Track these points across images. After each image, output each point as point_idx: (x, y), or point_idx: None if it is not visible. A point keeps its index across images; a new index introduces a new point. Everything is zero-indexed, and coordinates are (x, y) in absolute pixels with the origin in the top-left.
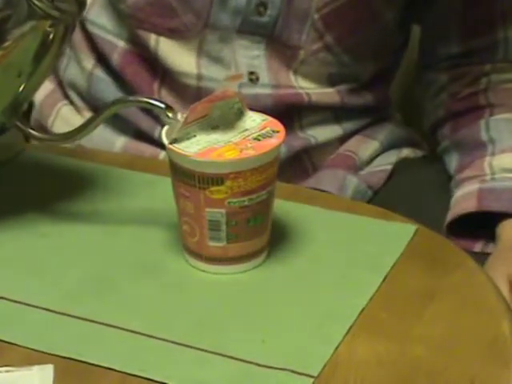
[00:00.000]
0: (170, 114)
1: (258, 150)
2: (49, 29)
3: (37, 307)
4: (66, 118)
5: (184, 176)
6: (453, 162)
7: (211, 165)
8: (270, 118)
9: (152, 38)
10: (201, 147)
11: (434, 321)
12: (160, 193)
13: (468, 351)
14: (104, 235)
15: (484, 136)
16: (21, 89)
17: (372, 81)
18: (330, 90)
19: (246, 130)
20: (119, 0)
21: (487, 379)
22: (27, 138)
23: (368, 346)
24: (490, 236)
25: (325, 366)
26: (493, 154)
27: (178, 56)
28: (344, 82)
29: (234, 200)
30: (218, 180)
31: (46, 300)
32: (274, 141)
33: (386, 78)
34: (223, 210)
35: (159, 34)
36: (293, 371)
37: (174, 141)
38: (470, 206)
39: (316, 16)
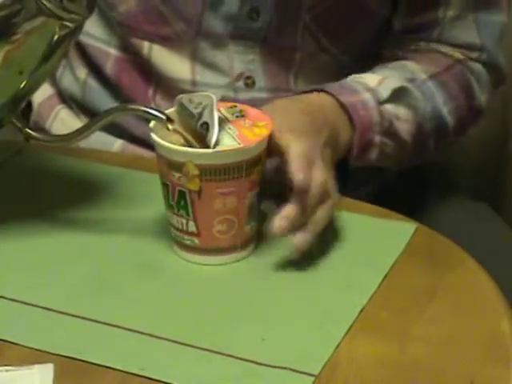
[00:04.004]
0: (170, 126)
1: (253, 126)
2: (56, 29)
3: (37, 306)
4: (64, 120)
5: (230, 173)
6: None
7: (259, 146)
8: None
9: (145, 46)
10: (231, 139)
11: (433, 320)
12: (160, 192)
13: (468, 351)
14: (103, 234)
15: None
16: (22, 86)
17: None
18: None
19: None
20: (111, 8)
21: (487, 379)
22: (26, 137)
23: (368, 345)
24: None
25: (325, 364)
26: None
27: (171, 63)
28: None
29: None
30: (260, 159)
31: (45, 299)
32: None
33: None
34: (258, 189)
35: (152, 41)
36: (293, 370)
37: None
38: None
39: (307, 17)
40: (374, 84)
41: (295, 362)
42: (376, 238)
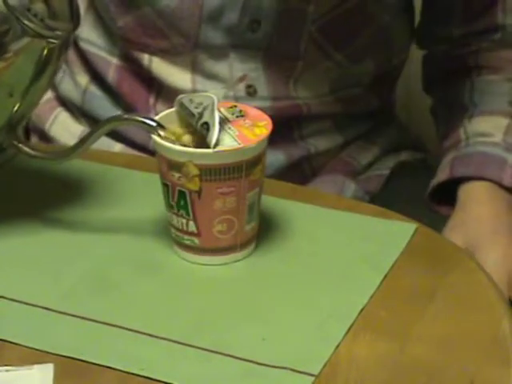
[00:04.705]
0: (162, 133)
1: (253, 126)
2: (43, 47)
3: (36, 306)
4: (63, 123)
5: (230, 173)
6: (439, 127)
7: (259, 146)
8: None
9: (145, 58)
10: (231, 139)
11: (433, 320)
12: (160, 192)
13: (468, 350)
14: (103, 234)
15: (467, 99)
16: (15, 108)
17: (375, 84)
18: (330, 98)
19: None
20: (111, 21)
21: (487, 378)
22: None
23: (368, 345)
24: None
25: (325, 364)
26: (471, 117)
27: (171, 73)
28: (345, 87)
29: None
30: (260, 158)
31: (45, 299)
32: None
33: (389, 81)
34: (258, 189)
35: (151, 53)
36: (293, 370)
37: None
38: (443, 176)
39: (313, 27)
40: (500, 138)
41: (295, 361)
42: (376, 237)
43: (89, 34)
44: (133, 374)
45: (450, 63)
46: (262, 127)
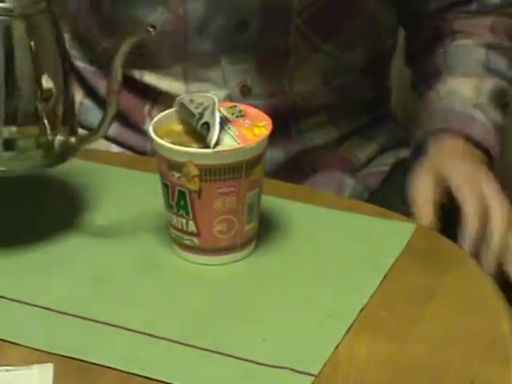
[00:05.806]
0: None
1: (252, 126)
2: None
3: (37, 306)
4: None
5: (230, 173)
6: (418, 96)
7: (258, 146)
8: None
9: (135, 72)
10: (231, 139)
11: (433, 320)
12: (160, 192)
13: (468, 351)
14: (103, 234)
15: (441, 64)
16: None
17: (368, 72)
18: (325, 89)
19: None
20: (95, 43)
21: (487, 379)
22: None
23: (368, 345)
24: None
25: (325, 364)
26: (445, 81)
27: (164, 83)
28: (339, 76)
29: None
30: (260, 158)
31: (45, 299)
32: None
33: (382, 66)
34: (258, 189)
35: (141, 68)
36: (293, 370)
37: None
38: (417, 138)
39: (299, 20)
40: (471, 94)
41: (295, 361)
42: (376, 237)
43: (77, 54)
44: (133, 374)
45: (426, 34)
46: (262, 127)
